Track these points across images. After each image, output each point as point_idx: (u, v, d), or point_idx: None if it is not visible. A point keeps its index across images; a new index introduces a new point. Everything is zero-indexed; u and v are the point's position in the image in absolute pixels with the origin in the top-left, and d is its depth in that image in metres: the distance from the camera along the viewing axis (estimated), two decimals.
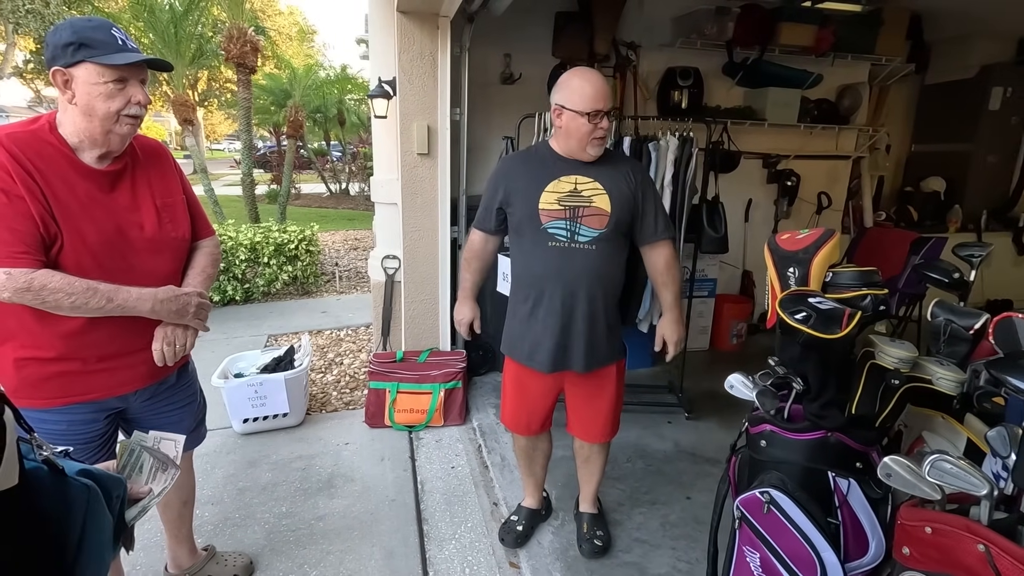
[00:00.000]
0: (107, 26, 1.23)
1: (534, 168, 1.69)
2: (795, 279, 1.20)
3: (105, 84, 1.19)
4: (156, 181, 1.41)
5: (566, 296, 1.66)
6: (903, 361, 1.03)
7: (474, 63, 3.38)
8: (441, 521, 2.21)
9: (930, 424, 1.27)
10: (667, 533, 2.11)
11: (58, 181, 1.21)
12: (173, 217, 1.43)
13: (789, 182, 4.06)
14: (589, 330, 1.69)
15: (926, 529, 0.89)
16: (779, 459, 1.24)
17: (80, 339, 1.29)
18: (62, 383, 1.31)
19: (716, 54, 3.72)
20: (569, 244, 1.64)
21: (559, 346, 1.69)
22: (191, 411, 1.63)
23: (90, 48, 1.18)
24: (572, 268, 1.65)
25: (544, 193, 1.63)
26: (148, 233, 1.36)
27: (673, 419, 2.98)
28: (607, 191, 1.64)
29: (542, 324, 1.70)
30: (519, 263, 1.75)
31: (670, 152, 2.64)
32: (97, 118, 1.21)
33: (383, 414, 2.90)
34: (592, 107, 1.55)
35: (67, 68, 1.18)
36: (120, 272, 1.30)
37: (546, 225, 1.64)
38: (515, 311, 1.78)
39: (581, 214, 1.63)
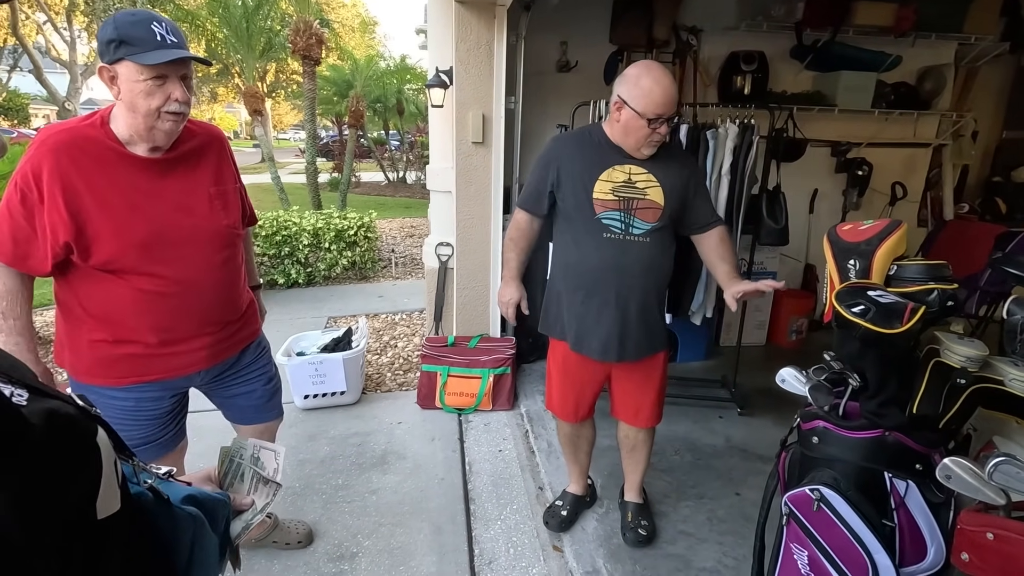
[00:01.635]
0: (148, 20, 1.21)
1: (588, 154, 1.67)
2: (856, 272, 1.15)
3: (144, 82, 1.20)
4: (211, 168, 1.43)
5: (621, 289, 1.66)
6: (971, 360, 0.98)
7: (530, 51, 3.39)
8: (488, 502, 2.27)
9: (1003, 429, 1.20)
10: (714, 528, 2.09)
11: (101, 177, 1.25)
12: (225, 205, 1.45)
13: (860, 171, 3.84)
14: (643, 321, 1.70)
15: (988, 535, 0.85)
16: (832, 457, 1.20)
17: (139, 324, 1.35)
18: (129, 364, 1.38)
19: (783, 36, 3.55)
20: (624, 236, 1.63)
21: (612, 336, 1.70)
22: (260, 385, 1.68)
23: (129, 45, 1.18)
24: (627, 261, 1.64)
25: (598, 182, 1.62)
26: (198, 219, 1.38)
27: (725, 414, 2.92)
28: (661, 184, 1.62)
29: (596, 315, 1.70)
30: (570, 251, 1.74)
31: (729, 140, 2.56)
32: (140, 114, 1.23)
33: (434, 396, 2.99)
34: (655, 113, 1.52)
35: (111, 65, 1.20)
36: (170, 262, 1.33)
37: (600, 215, 1.63)
38: (562, 298, 1.78)
39: (635, 206, 1.62)
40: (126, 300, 1.32)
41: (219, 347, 1.51)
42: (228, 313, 1.52)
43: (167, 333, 1.39)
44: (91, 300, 1.33)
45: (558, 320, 1.81)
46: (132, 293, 1.32)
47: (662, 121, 1.53)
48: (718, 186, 2.62)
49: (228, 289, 1.51)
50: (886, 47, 3.57)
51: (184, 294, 1.38)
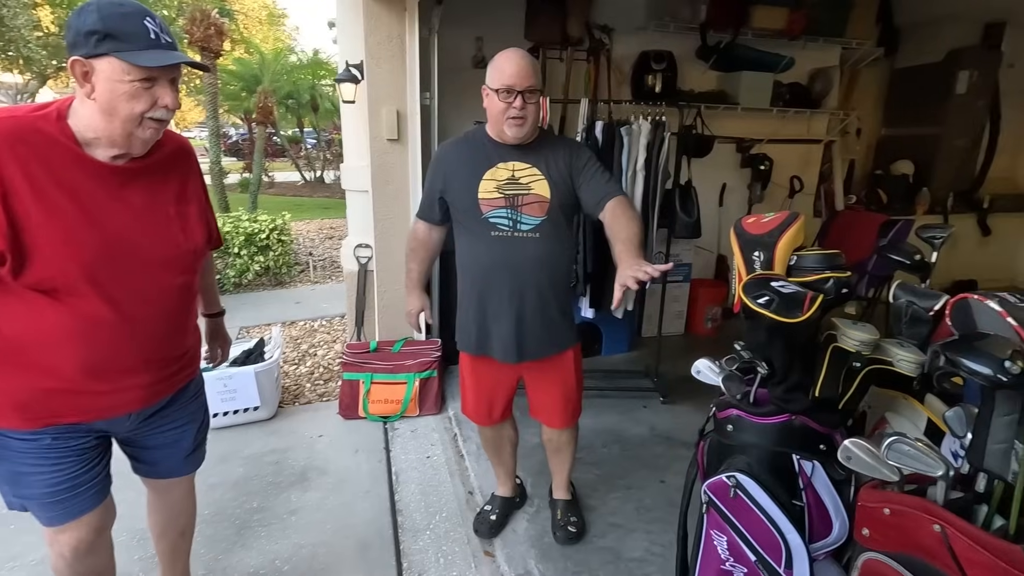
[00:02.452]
0: (140, 14, 1.06)
1: (471, 155, 1.64)
2: (760, 263, 1.19)
3: (131, 83, 1.04)
4: (176, 183, 1.25)
5: (515, 286, 1.64)
6: (864, 344, 1.03)
7: (445, 47, 3.31)
8: (416, 512, 2.20)
9: (893, 405, 1.28)
10: (642, 517, 2.13)
11: (50, 179, 1.06)
12: (186, 226, 1.26)
13: (762, 166, 4.08)
14: (541, 318, 1.68)
15: (884, 510, 0.89)
16: (746, 443, 1.24)
17: (66, 355, 1.13)
18: (45, 402, 1.16)
19: (690, 37, 3.70)
20: (512, 233, 1.61)
21: (511, 336, 1.67)
22: (191, 432, 1.44)
23: (117, 40, 1.02)
24: (518, 258, 1.62)
25: (482, 181, 1.60)
26: (157, 240, 1.19)
27: (649, 404, 3.00)
28: (546, 176, 1.60)
29: (492, 315, 1.68)
30: (465, 254, 1.71)
31: (642, 137, 2.62)
32: (118, 119, 1.06)
33: (357, 405, 2.86)
34: (504, 83, 1.49)
35: (88, 59, 1.03)
36: (119, 286, 1.14)
37: (487, 215, 1.61)
38: (463, 302, 1.76)
39: (521, 202, 1.60)
40: (58, 326, 1.11)
41: (158, 386, 1.29)
42: (175, 347, 1.31)
43: (101, 367, 1.17)
44: (8, 323, 1.10)
45: (459, 326, 1.79)
46: (67, 319, 1.11)
47: (515, 94, 1.48)
48: (633, 182, 2.68)
49: (179, 320, 1.31)
50: (780, 49, 3.80)
51: (130, 323, 1.18)
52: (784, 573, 1.20)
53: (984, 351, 0.71)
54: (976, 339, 0.74)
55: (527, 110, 1.52)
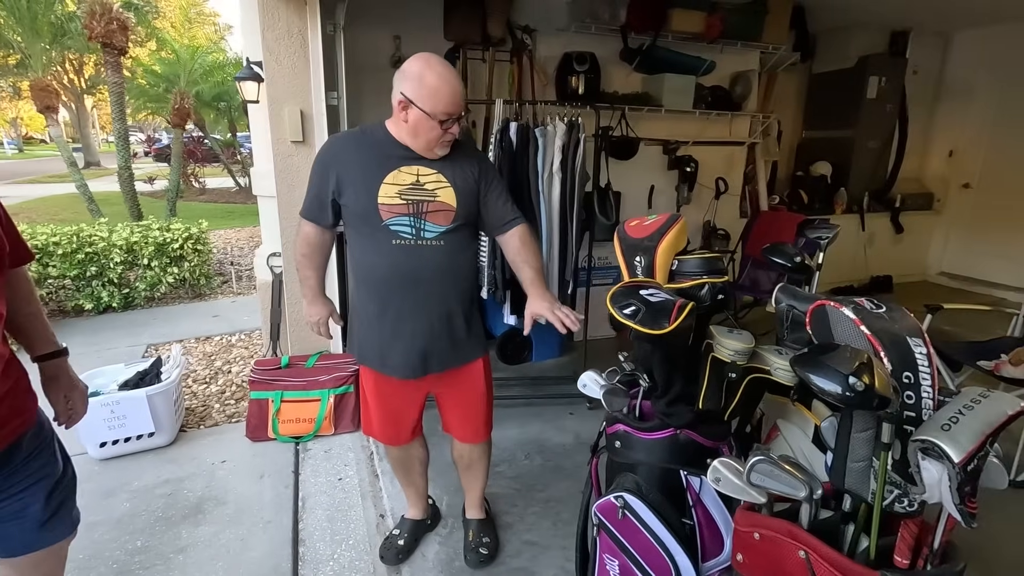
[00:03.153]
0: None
1: (370, 155, 1.50)
2: (641, 268, 1.12)
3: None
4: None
5: (418, 297, 1.53)
6: (739, 353, 0.98)
7: (362, 45, 3.17)
8: (320, 541, 2.04)
9: (783, 412, 1.24)
10: (558, 532, 2.05)
11: None
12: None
13: (688, 168, 4.12)
14: (447, 330, 1.57)
15: (755, 535, 0.83)
16: (634, 460, 1.17)
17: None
18: None
19: (612, 39, 3.69)
20: (415, 242, 1.49)
21: (415, 350, 1.56)
22: (38, 495, 1.15)
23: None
24: (421, 267, 1.51)
25: (383, 185, 1.46)
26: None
27: (575, 410, 2.94)
28: (451, 184, 1.51)
29: (393, 328, 1.55)
30: (360, 262, 1.57)
31: (557, 138, 2.56)
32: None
33: (266, 426, 2.67)
34: (446, 113, 1.41)
35: None
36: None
37: (388, 221, 1.48)
38: (361, 313, 1.61)
39: (425, 209, 1.49)
40: None
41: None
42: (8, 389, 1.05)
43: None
44: None
45: (358, 341, 1.65)
46: None
47: (453, 120, 1.43)
48: (550, 184, 2.62)
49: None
50: (701, 52, 3.86)
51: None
52: None
53: (829, 366, 0.65)
54: (825, 352, 0.68)
55: (459, 132, 1.48)
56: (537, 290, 1.58)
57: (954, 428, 0.64)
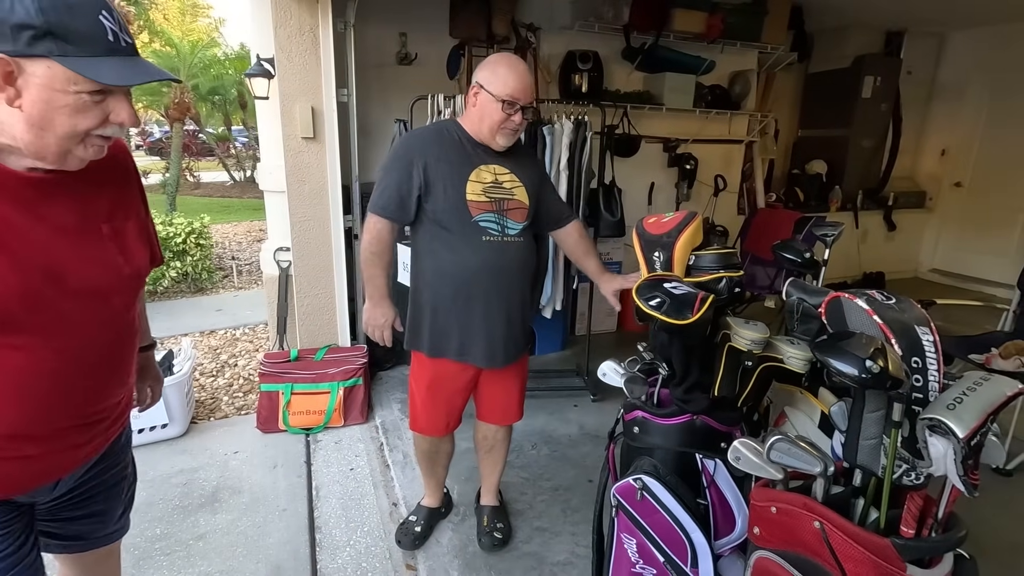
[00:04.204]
0: (95, 6, 0.79)
1: (453, 152, 1.57)
2: (660, 263, 1.19)
3: (76, 95, 0.79)
4: (110, 194, 0.98)
5: (503, 291, 1.62)
6: (755, 342, 1.04)
7: (369, 42, 3.21)
8: (336, 528, 2.10)
9: (791, 400, 1.31)
10: (568, 519, 2.12)
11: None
12: (123, 245, 0.99)
13: (688, 165, 4.19)
14: (521, 323, 1.70)
15: (772, 509, 0.90)
16: (652, 444, 1.24)
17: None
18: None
19: (615, 38, 3.75)
20: (502, 238, 1.59)
21: (497, 341, 1.65)
22: (121, 492, 1.19)
23: (62, 41, 0.75)
24: (507, 263, 1.60)
25: (469, 183, 1.54)
26: (93, 267, 0.94)
27: (579, 402, 3.00)
28: (523, 183, 1.61)
29: (480, 320, 1.62)
30: (444, 258, 1.59)
31: (564, 136, 2.62)
32: (55, 134, 0.81)
33: (276, 418, 2.71)
34: (510, 95, 1.50)
35: (16, 58, 0.75)
36: (46, 327, 0.89)
37: (477, 218, 1.55)
38: (437, 305, 1.64)
39: (506, 207, 1.58)
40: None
41: (95, 441, 1.04)
42: (115, 393, 1.06)
43: (32, 426, 0.92)
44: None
45: (433, 332, 1.67)
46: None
47: (517, 108, 1.51)
48: (557, 181, 2.67)
49: (122, 361, 1.06)
50: (701, 52, 3.92)
51: (65, 371, 0.93)
52: (691, 572, 1.21)
53: (848, 351, 0.71)
54: (842, 339, 0.75)
55: (521, 125, 1.56)
56: (608, 273, 1.79)
57: (959, 407, 0.71)
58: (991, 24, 4.75)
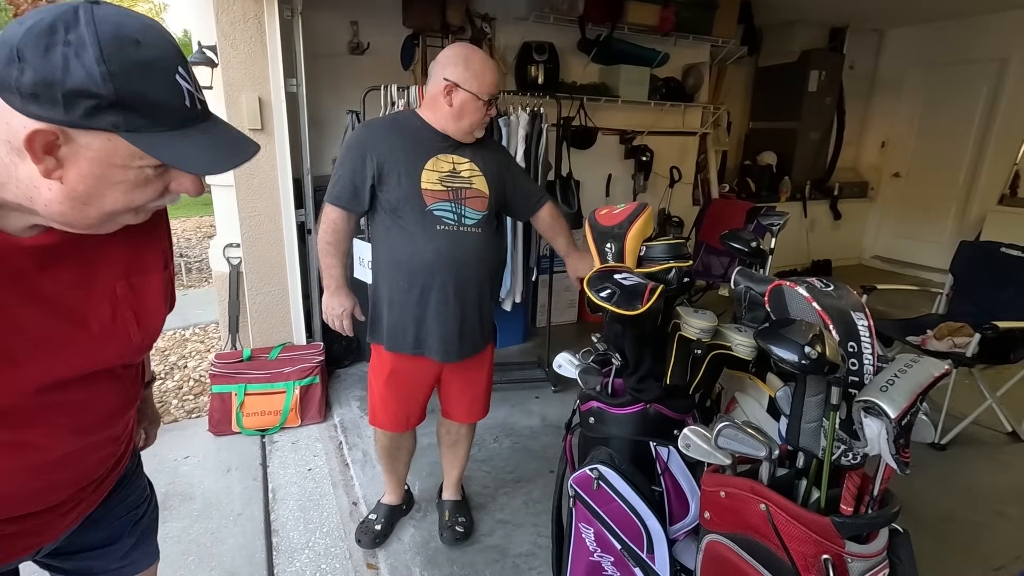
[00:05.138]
0: (170, 62, 0.61)
1: (409, 142, 1.56)
2: (612, 254, 1.19)
3: (139, 170, 0.63)
4: (130, 242, 0.78)
5: (459, 282, 1.59)
6: (704, 331, 1.07)
7: (319, 31, 3.12)
8: (294, 530, 2.05)
9: (741, 385, 1.35)
10: (530, 510, 2.13)
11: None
12: (142, 307, 0.81)
13: (644, 157, 4.26)
14: (479, 315, 1.66)
15: (721, 493, 0.92)
16: (607, 434, 1.25)
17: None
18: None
19: (571, 30, 3.76)
20: (458, 228, 1.57)
21: (453, 334, 1.62)
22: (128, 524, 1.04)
23: (134, 114, 0.58)
24: (463, 253, 1.58)
25: (425, 171, 1.53)
26: (100, 339, 0.77)
27: (541, 394, 3.02)
28: (483, 172, 1.60)
29: (435, 312, 1.60)
30: (399, 247, 1.58)
31: (520, 128, 2.61)
32: (98, 209, 0.64)
33: (230, 420, 2.63)
34: (490, 93, 1.53)
35: (67, 128, 0.57)
36: (46, 415, 0.74)
37: (431, 207, 1.54)
38: (394, 299, 1.62)
39: (464, 196, 1.57)
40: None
41: (93, 497, 0.92)
42: (117, 448, 0.93)
43: (19, 510, 0.79)
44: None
45: (389, 325, 1.65)
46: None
47: (493, 101, 1.54)
48: None
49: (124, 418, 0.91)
50: (655, 45, 3.97)
51: (60, 452, 0.79)
52: (647, 558, 1.23)
53: (788, 338, 0.74)
54: (783, 326, 0.77)
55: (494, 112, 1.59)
56: (579, 253, 1.79)
57: (891, 389, 0.74)
58: (927, 22, 4.99)
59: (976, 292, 2.84)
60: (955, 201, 5.07)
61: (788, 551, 0.82)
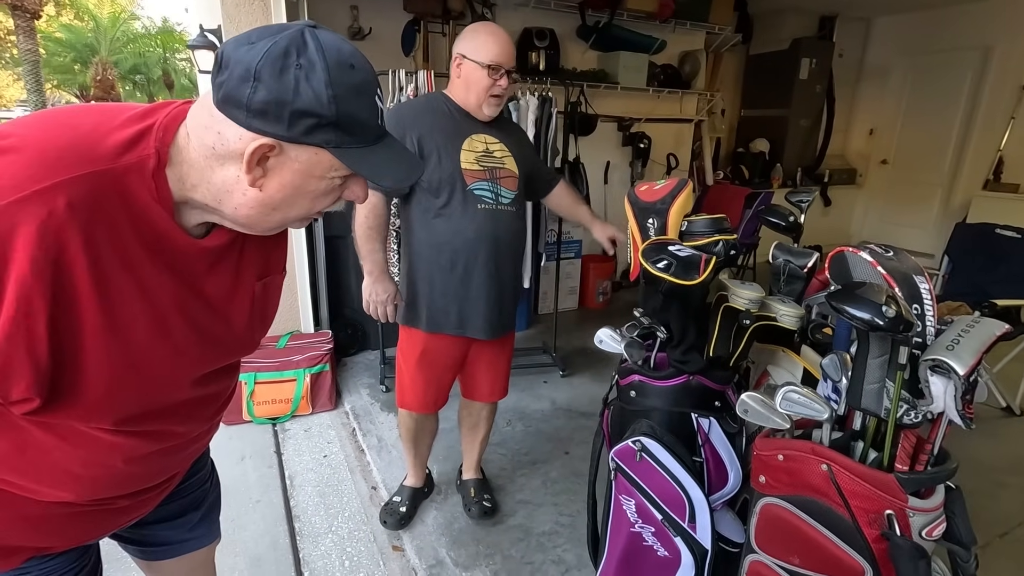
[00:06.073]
0: (374, 84, 0.67)
1: (445, 123, 1.57)
2: (654, 229, 1.21)
3: (330, 180, 0.69)
4: (264, 246, 0.83)
5: (499, 260, 1.62)
6: (753, 302, 1.09)
7: (320, 15, 3.06)
8: (315, 515, 2.05)
9: (773, 358, 1.38)
10: (549, 490, 2.15)
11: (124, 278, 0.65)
12: (267, 304, 0.88)
13: (642, 144, 4.28)
14: (512, 293, 1.71)
15: (779, 456, 0.95)
16: (648, 407, 1.27)
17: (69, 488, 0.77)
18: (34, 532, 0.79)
19: (571, 16, 3.75)
20: (496, 206, 1.59)
21: (494, 311, 1.65)
22: (197, 499, 1.10)
23: (343, 132, 0.64)
24: (501, 231, 1.60)
25: (463, 151, 1.55)
26: (236, 338, 0.83)
27: (549, 378, 3.05)
28: (512, 152, 1.62)
29: (478, 290, 1.62)
30: (439, 228, 1.58)
31: (530, 112, 2.61)
32: (282, 216, 0.70)
33: (240, 409, 2.60)
34: (494, 60, 1.51)
35: (280, 141, 0.62)
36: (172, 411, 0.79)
37: (472, 186, 1.55)
38: (435, 280, 1.62)
39: (499, 175, 1.59)
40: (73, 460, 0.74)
41: (177, 478, 0.98)
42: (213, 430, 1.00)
43: (123, 490, 0.83)
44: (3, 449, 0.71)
45: (430, 306, 1.65)
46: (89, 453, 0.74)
47: (502, 72, 1.51)
48: None
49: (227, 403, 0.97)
50: (653, 32, 3.99)
51: (171, 444, 0.84)
52: (688, 527, 1.26)
53: (864, 298, 0.76)
54: (855, 287, 0.79)
55: (507, 90, 1.56)
56: (600, 219, 1.89)
57: (957, 348, 0.77)
58: (913, 10, 5.07)
59: (970, 272, 2.93)
60: (940, 187, 5.19)
61: (850, 508, 0.85)
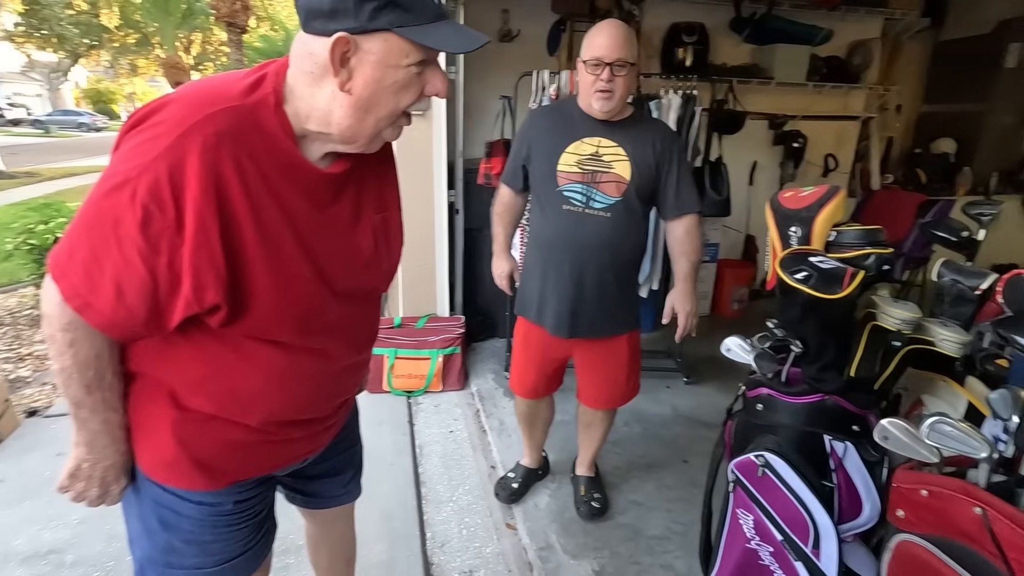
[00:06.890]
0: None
1: (558, 126, 1.66)
2: (797, 238, 1.16)
3: (407, 69, 0.75)
4: (375, 185, 0.93)
5: (575, 263, 1.64)
6: (906, 322, 1.00)
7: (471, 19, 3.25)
8: (439, 484, 2.23)
9: (930, 387, 1.24)
10: (663, 496, 2.13)
11: (269, 199, 0.76)
12: (388, 237, 0.96)
13: (796, 144, 3.95)
14: (599, 299, 1.67)
15: (922, 492, 0.87)
16: (775, 423, 1.22)
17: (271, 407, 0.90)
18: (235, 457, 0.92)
19: (723, 9, 3.57)
20: (583, 210, 1.61)
21: (567, 312, 1.68)
22: (354, 453, 1.26)
23: (403, 11, 0.71)
24: (583, 235, 1.62)
25: (564, 154, 1.61)
26: (366, 266, 0.92)
27: (672, 384, 2.98)
28: (629, 157, 1.59)
29: (552, 288, 1.69)
30: (536, 224, 1.75)
31: (672, 111, 2.55)
32: (375, 116, 0.77)
33: (381, 379, 2.90)
34: (592, 55, 1.50)
35: (356, 35, 0.71)
36: (329, 326, 0.89)
37: (562, 188, 1.61)
38: (528, 269, 1.79)
39: (599, 179, 1.60)
40: (258, 375, 0.87)
41: (341, 421, 1.10)
42: (362, 378, 1.14)
43: (300, 415, 0.96)
44: (196, 367, 0.85)
45: (523, 292, 1.82)
46: (270, 368, 0.87)
47: (603, 67, 1.48)
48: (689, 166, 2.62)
49: (369, 352, 1.09)
50: (818, 21, 3.65)
51: (334, 366, 0.95)
52: (811, 553, 1.19)
53: None
54: None
55: (615, 83, 1.50)
56: (687, 286, 1.71)
57: None
58: None
59: None
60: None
61: (1008, 561, 0.76)
